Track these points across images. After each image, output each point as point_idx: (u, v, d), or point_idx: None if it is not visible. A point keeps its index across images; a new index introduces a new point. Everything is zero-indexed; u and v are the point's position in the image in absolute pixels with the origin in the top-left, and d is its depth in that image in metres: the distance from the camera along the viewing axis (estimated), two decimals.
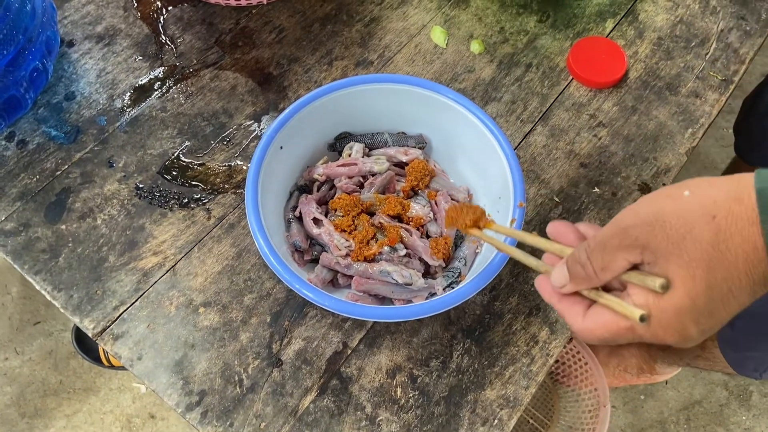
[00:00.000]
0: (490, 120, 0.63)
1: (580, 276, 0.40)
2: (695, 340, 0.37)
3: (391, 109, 0.68)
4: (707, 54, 0.82)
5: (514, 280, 0.67)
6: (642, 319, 0.37)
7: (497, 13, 0.84)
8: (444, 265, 0.63)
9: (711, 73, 0.81)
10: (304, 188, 0.68)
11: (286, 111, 0.63)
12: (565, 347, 1.19)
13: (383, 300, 0.62)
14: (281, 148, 0.63)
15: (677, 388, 1.26)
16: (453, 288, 0.59)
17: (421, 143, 0.69)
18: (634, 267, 0.38)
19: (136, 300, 0.64)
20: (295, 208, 0.66)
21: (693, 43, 0.83)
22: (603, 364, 1.21)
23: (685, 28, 0.84)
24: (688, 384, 1.26)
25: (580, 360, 1.18)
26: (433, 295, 0.60)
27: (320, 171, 0.67)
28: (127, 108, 0.74)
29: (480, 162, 0.65)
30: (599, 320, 0.40)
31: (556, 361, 1.23)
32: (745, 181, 0.34)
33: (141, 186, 0.70)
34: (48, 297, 0.64)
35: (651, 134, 0.76)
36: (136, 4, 0.82)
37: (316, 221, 0.64)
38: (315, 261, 0.64)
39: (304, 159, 0.69)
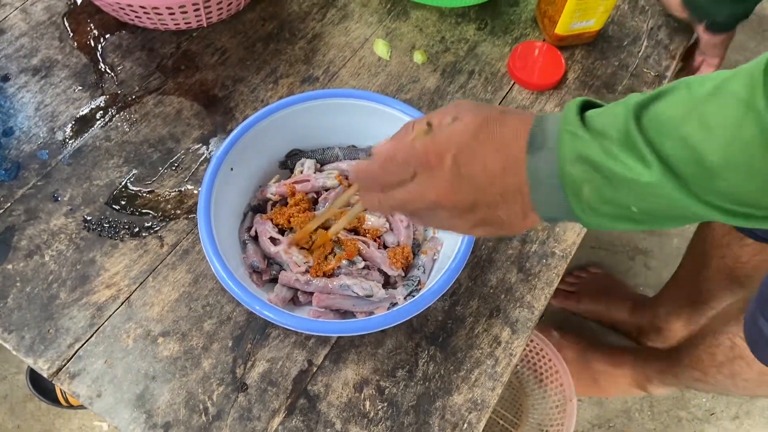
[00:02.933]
0: None
1: (398, 133, 0.45)
2: (449, 171, 0.41)
3: (340, 123, 0.68)
4: (639, 52, 0.85)
5: (473, 284, 0.68)
6: (429, 125, 0.42)
7: (437, 23, 0.86)
8: (403, 274, 0.64)
9: (644, 70, 0.84)
10: (257, 208, 0.68)
11: (234, 132, 0.62)
12: (527, 345, 1.21)
13: (345, 314, 0.62)
14: (231, 169, 0.62)
15: None
16: (414, 296, 0.60)
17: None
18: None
19: (92, 336, 0.62)
20: (249, 228, 0.65)
21: (625, 42, 0.86)
22: (576, 377, 1.23)
23: (617, 29, 0.88)
24: None
25: (544, 357, 1.20)
26: (394, 305, 0.60)
27: (273, 190, 0.67)
28: (70, 140, 0.73)
29: None
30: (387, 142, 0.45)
31: (521, 360, 1.24)
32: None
33: (89, 218, 0.68)
34: None
35: None
36: (72, 34, 0.80)
37: (273, 240, 0.63)
38: (274, 281, 0.64)
39: (256, 179, 0.68)
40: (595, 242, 1.44)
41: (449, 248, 0.62)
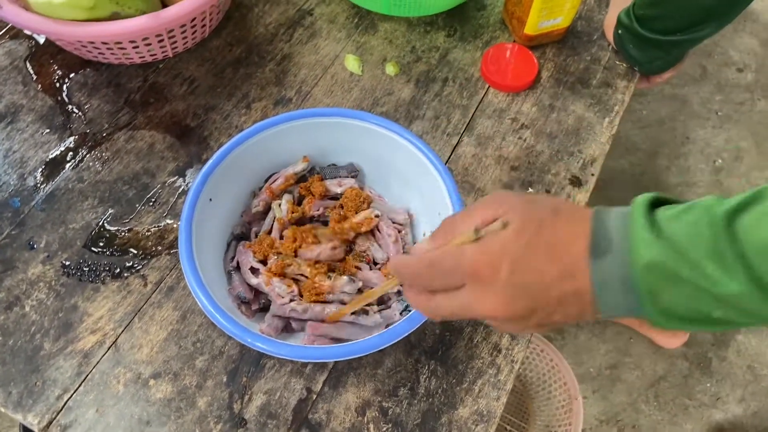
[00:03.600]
0: (416, 139, 0.63)
1: (440, 233, 0.42)
2: (503, 284, 0.38)
3: (318, 143, 0.67)
4: (610, 44, 0.85)
5: None
6: (477, 231, 0.39)
7: (406, 34, 0.85)
8: (396, 290, 0.62)
9: (617, 62, 0.84)
10: (241, 236, 0.66)
11: (210, 162, 0.61)
12: (527, 346, 1.20)
13: (340, 339, 0.61)
14: (210, 200, 0.61)
15: (641, 368, 1.29)
16: (410, 311, 0.58)
17: (353, 172, 0.68)
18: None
19: (80, 385, 0.60)
20: (233, 258, 0.64)
21: (595, 36, 0.86)
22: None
23: (585, 24, 0.87)
24: (650, 361, 1.29)
25: (545, 357, 1.19)
26: (388, 325, 0.59)
27: (257, 205, 0.65)
28: (41, 185, 0.71)
29: (413, 181, 0.65)
30: (434, 247, 0.42)
31: (522, 363, 1.23)
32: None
33: (67, 263, 0.66)
34: None
35: (572, 128, 0.78)
36: (35, 77, 0.79)
37: (254, 270, 0.62)
38: (263, 309, 0.62)
39: (237, 206, 0.67)
40: None
41: None
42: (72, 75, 0.79)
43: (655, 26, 0.74)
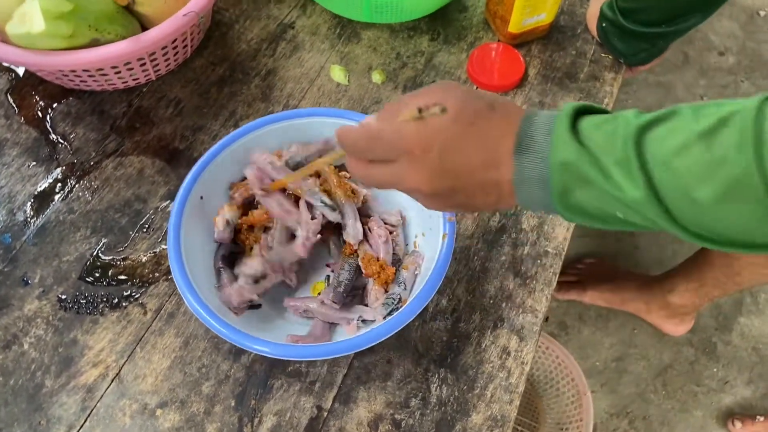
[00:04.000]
0: None
1: (386, 110, 0.45)
2: (432, 162, 0.42)
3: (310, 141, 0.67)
4: (594, 38, 0.85)
5: (471, 297, 0.66)
6: (420, 111, 0.41)
7: (390, 41, 0.85)
8: (384, 291, 0.62)
9: (602, 54, 0.84)
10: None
11: (198, 163, 0.62)
12: (536, 348, 1.19)
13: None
14: (201, 198, 0.61)
15: (647, 358, 1.28)
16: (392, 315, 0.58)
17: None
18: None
19: (85, 420, 0.59)
20: (223, 257, 0.63)
21: (579, 30, 0.86)
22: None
23: (568, 18, 0.87)
24: (655, 351, 1.29)
25: (551, 354, 1.18)
26: (364, 321, 0.60)
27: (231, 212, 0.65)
28: (31, 219, 0.69)
29: None
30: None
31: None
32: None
33: (63, 297, 0.65)
34: None
35: None
36: (17, 110, 0.77)
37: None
38: (252, 307, 0.62)
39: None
40: (581, 231, 1.43)
41: (429, 261, 0.60)
42: (55, 105, 0.78)
43: (639, 18, 0.74)
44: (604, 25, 0.79)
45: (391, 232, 0.65)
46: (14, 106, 0.78)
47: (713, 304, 1.33)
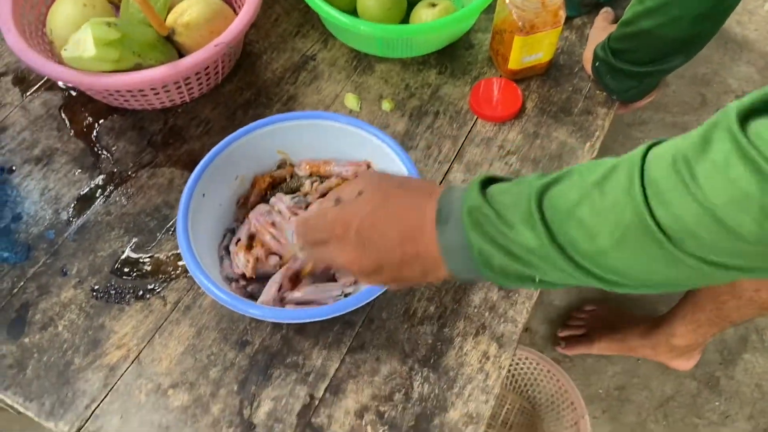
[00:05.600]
0: (387, 138, 0.72)
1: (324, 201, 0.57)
2: (352, 240, 0.47)
3: (298, 144, 0.77)
4: (589, 76, 0.92)
5: (458, 306, 0.72)
6: (338, 200, 0.49)
7: (400, 73, 0.93)
8: None
9: (597, 92, 0.91)
10: (234, 231, 0.76)
11: (201, 163, 0.72)
12: (535, 369, 1.24)
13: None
14: (204, 195, 0.71)
15: (649, 387, 1.31)
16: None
17: None
18: None
19: (106, 395, 0.67)
20: (227, 247, 0.73)
21: (576, 69, 0.93)
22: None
23: (566, 57, 0.94)
24: (658, 382, 1.31)
25: (552, 378, 1.22)
26: (347, 295, 0.67)
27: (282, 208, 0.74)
28: (73, 218, 0.79)
29: None
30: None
31: (531, 384, 1.27)
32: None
33: (96, 287, 0.74)
34: (21, 408, 0.66)
35: (555, 153, 0.84)
36: (69, 124, 0.88)
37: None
38: (252, 297, 0.70)
39: (228, 204, 0.77)
40: None
41: None
42: (101, 121, 0.88)
43: (627, 58, 0.81)
44: (597, 64, 0.86)
45: None
46: (66, 120, 0.88)
47: (718, 339, 1.35)
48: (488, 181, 0.46)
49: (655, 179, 0.36)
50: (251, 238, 0.73)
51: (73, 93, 0.91)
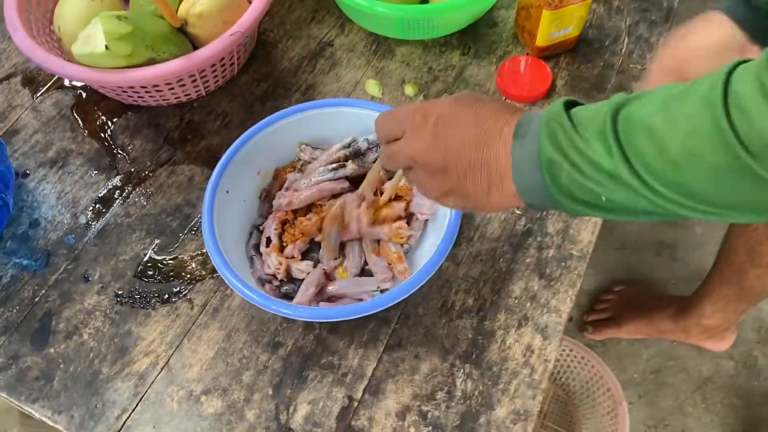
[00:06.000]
0: None
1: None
2: (428, 131, 0.48)
3: (327, 132, 0.74)
4: (622, 49, 0.87)
5: (497, 297, 0.69)
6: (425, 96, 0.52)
7: (422, 56, 0.89)
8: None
9: (630, 65, 0.86)
10: (259, 227, 0.73)
11: (223, 158, 0.69)
12: (568, 355, 1.20)
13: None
14: (227, 192, 0.68)
15: (686, 370, 1.27)
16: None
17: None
18: None
19: (137, 404, 0.64)
20: (256, 245, 0.69)
21: (607, 42, 0.89)
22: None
23: (596, 31, 0.90)
24: (695, 363, 1.28)
25: (587, 365, 1.19)
26: (383, 291, 0.66)
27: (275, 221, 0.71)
28: (92, 222, 0.76)
29: None
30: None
31: (565, 372, 1.23)
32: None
33: (120, 293, 0.71)
34: (50, 422, 0.64)
35: None
36: (82, 124, 0.85)
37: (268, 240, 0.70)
38: (287, 297, 0.67)
39: (253, 198, 0.74)
40: (619, 243, 1.44)
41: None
42: (115, 119, 0.85)
43: None
44: None
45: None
46: (79, 120, 0.85)
47: (755, 317, 1.31)
48: (574, 104, 0.44)
49: (738, 91, 0.34)
50: (280, 237, 0.70)
51: (85, 92, 0.88)
